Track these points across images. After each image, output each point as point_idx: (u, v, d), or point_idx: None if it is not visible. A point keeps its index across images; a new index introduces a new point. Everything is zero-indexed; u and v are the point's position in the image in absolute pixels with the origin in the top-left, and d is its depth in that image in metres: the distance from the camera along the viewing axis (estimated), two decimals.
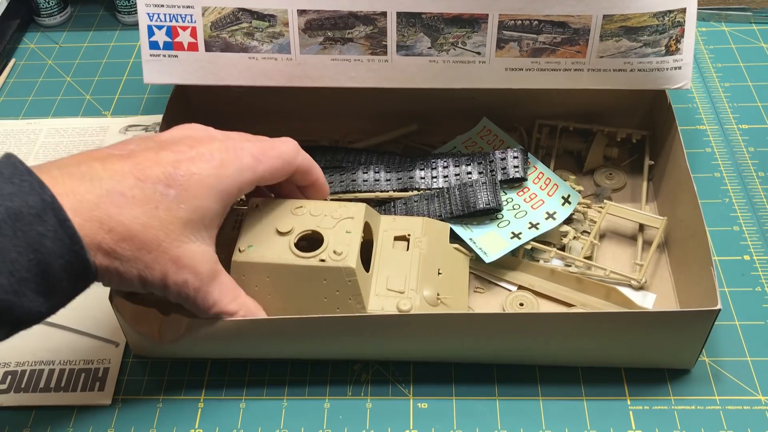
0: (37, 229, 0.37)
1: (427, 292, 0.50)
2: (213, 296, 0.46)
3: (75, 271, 0.40)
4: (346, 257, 0.47)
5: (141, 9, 0.58)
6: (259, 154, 0.47)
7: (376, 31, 0.58)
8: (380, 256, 0.52)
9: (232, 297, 0.47)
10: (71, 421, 0.53)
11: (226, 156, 0.45)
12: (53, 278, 0.39)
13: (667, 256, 0.59)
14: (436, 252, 0.53)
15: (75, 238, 0.39)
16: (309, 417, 0.52)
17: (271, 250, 0.48)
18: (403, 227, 0.54)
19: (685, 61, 0.59)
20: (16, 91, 0.80)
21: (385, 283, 0.50)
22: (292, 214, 0.50)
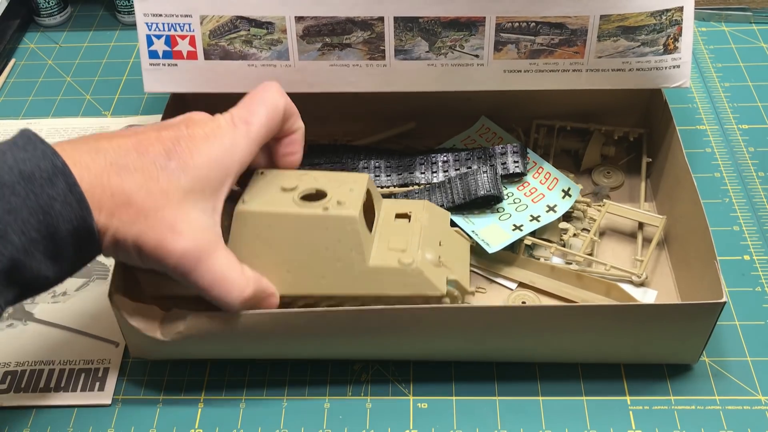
0: (48, 192, 0.39)
1: (429, 255, 0.50)
2: (215, 269, 0.45)
3: (81, 237, 0.41)
4: (350, 207, 0.47)
5: (139, 19, 0.59)
6: (247, 116, 0.47)
7: (374, 36, 0.58)
8: (382, 226, 0.52)
9: (238, 272, 0.46)
10: (71, 422, 0.53)
11: (224, 130, 0.46)
12: (60, 242, 0.40)
13: (667, 254, 0.59)
14: (438, 229, 0.53)
15: (83, 203, 0.40)
16: (309, 417, 0.52)
17: (276, 202, 0.48)
18: (405, 207, 0.54)
19: (683, 60, 0.59)
20: (16, 91, 0.80)
21: (387, 244, 0.50)
22: (297, 178, 0.50)
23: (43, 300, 0.59)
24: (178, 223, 0.43)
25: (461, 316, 0.50)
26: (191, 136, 0.44)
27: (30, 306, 0.59)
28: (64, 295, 0.60)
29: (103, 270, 0.61)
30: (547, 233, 0.60)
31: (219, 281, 0.45)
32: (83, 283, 0.61)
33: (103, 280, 0.61)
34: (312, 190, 0.49)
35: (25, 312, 0.59)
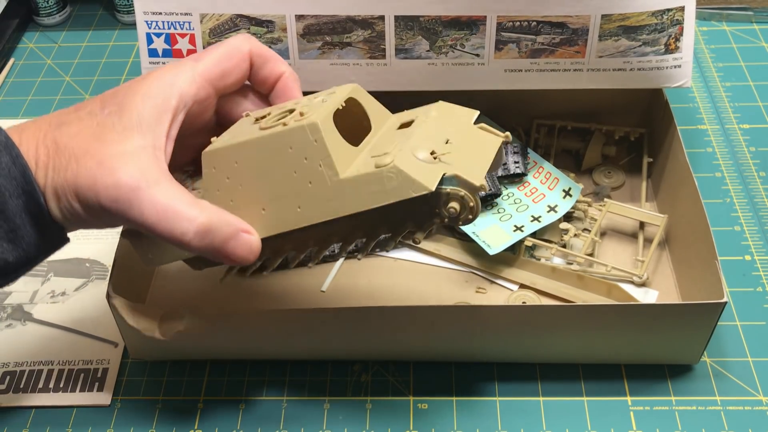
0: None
1: (422, 152, 0.40)
2: (157, 201, 0.39)
3: (36, 217, 0.39)
4: (311, 116, 0.41)
5: (139, 17, 0.58)
6: (198, 55, 0.45)
7: (375, 35, 0.58)
8: (378, 139, 0.44)
9: (186, 202, 0.40)
10: (70, 422, 0.53)
11: (167, 68, 0.43)
12: (13, 219, 0.39)
13: (668, 254, 0.59)
14: (448, 127, 0.44)
15: (27, 176, 0.38)
16: (309, 417, 0.52)
17: (241, 134, 0.43)
18: (413, 113, 0.46)
19: (684, 60, 0.59)
20: (15, 90, 0.80)
21: (372, 153, 0.42)
22: (276, 107, 0.46)
23: (42, 300, 0.59)
24: (109, 159, 0.39)
25: (461, 316, 0.50)
26: (130, 83, 0.42)
27: (29, 306, 0.59)
28: (63, 295, 0.60)
29: (102, 270, 0.61)
30: (547, 234, 0.60)
31: (163, 213, 0.39)
32: (82, 283, 0.60)
33: (102, 281, 0.60)
34: (285, 113, 0.43)
35: (24, 312, 0.59)
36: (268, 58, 0.47)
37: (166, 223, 0.39)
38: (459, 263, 0.59)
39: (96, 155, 0.39)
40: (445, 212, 0.40)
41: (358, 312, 0.49)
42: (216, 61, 0.44)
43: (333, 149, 0.40)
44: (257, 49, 0.46)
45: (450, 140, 0.42)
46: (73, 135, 0.40)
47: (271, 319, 0.50)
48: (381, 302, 0.57)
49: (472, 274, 0.59)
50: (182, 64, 0.43)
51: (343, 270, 0.60)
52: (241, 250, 0.42)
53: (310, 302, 0.58)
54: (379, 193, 0.40)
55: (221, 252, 0.41)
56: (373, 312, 0.49)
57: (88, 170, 0.39)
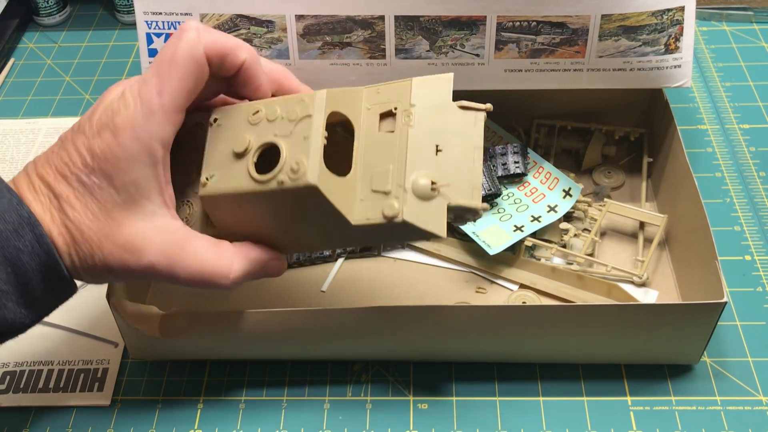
0: (15, 244, 0.38)
1: (421, 181, 0.41)
2: (191, 266, 0.42)
3: (54, 284, 0.40)
4: (305, 173, 0.39)
5: (139, 17, 0.58)
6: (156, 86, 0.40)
7: (375, 35, 0.58)
8: (364, 147, 0.43)
9: (215, 258, 0.42)
10: (70, 422, 0.53)
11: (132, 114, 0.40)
12: (34, 290, 0.40)
13: (668, 253, 0.59)
14: (433, 121, 0.43)
15: (51, 254, 0.39)
16: (309, 417, 0.52)
17: (232, 177, 0.42)
18: (389, 98, 0.43)
19: (684, 60, 0.59)
20: (15, 90, 0.80)
21: (369, 183, 0.42)
22: (249, 124, 0.43)
23: None
24: (131, 242, 0.41)
25: (461, 316, 0.50)
26: (102, 139, 0.40)
27: None
28: None
29: None
30: (547, 234, 0.60)
31: (199, 275, 0.42)
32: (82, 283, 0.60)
33: None
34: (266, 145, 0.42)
35: None
36: (226, 51, 0.42)
37: (204, 282, 0.42)
38: (459, 263, 0.59)
39: (116, 239, 0.41)
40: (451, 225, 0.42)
41: (358, 312, 0.49)
42: (178, 87, 0.41)
43: (336, 200, 0.40)
44: (211, 46, 0.42)
45: (439, 145, 0.42)
46: (82, 219, 0.40)
47: (271, 319, 0.50)
48: (381, 302, 0.57)
49: (472, 274, 0.59)
50: (148, 104, 0.40)
51: (343, 270, 0.60)
52: (272, 275, 0.46)
53: (310, 302, 0.58)
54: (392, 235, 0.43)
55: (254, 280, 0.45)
56: (373, 312, 0.49)
57: (115, 256, 0.41)
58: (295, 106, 0.42)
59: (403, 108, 0.43)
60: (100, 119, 0.41)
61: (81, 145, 0.40)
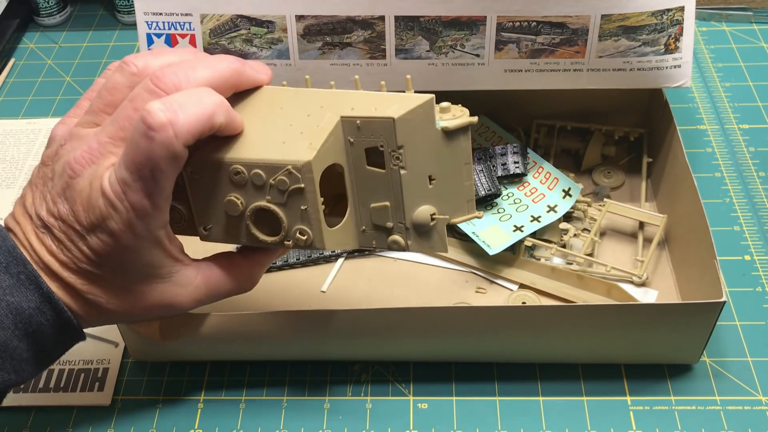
0: (37, 320, 0.40)
1: (421, 216, 0.42)
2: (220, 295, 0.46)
3: (68, 343, 0.43)
4: (314, 241, 0.42)
5: (140, 17, 0.58)
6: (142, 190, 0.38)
7: (375, 36, 0.58)
8: (355, 184, 0.43)
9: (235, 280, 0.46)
10: (70, 422, 0.53)
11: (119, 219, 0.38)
12: (49, 351, 0.42)
13: (667, 253, 0.59)
14: (423, 155, 0.41)
15: (71, 324, 0.41)
16: (309, 417, 0.52)
17: (231, 232, 0.43)
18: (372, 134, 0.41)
19: (684, 60, 0.59)
20: (15, 90, 0.80)
21: (369, 216, 0.43)
22: (232, 184, 0.41)
23: None
24: (161, 302, 0.42)
25: (461, 316, 0.50)
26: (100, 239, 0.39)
27: None
28: None
29: None
30: (547, 234, 0.60)
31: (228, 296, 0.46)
32: None
33: None
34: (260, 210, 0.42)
35: None
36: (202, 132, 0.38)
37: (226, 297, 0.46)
38: (459, 263, 0.60)
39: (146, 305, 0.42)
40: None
41: (358, 312, 0.49)
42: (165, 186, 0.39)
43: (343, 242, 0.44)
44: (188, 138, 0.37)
45: (432, 175, 0.42)
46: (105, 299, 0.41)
47: (271, 319, 0.50)
48: (381, 302, 0.57)
49: (472, 274, 0.59)
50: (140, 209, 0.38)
51: (343, 270, 0.60)
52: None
53: (310, 302, 0.58)
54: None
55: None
56: (373, 312, 0.49)
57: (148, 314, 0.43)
58: (281, 176, 0.40)
59: (391, 149, 0.41)
60: (88, 219, 0.39)
61: (78, 242, 0.39)
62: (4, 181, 0.70)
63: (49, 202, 0.40)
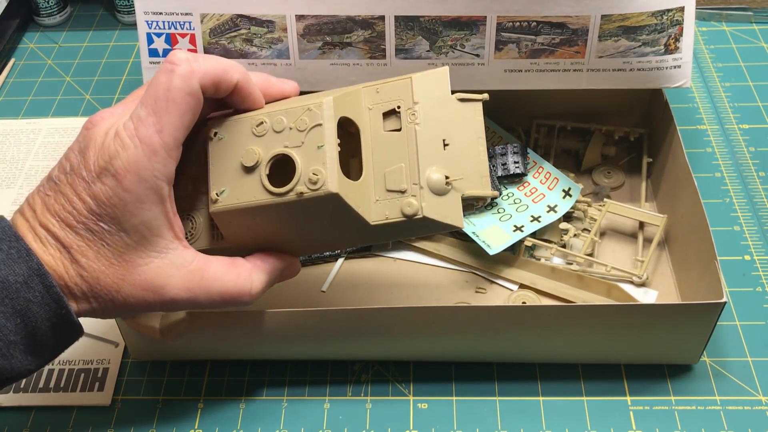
0: (24, 296, 0.38)
1: (435, 176, 0.42)
2: (213, 291, 0.43)
3: (62, 331, 0.40)
4: (326, 182, 0.40)
5: (140, 17, 0.58)
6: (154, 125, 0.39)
7: (375, 35, 0.58)
8: (371, 150, 0.44)
9: (234, 276, 0.43)
10: (71, 422, 0.53)
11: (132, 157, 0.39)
12: (41, 338, 0.40)
13: (667, 254, 0.59)
14: (437, 116, 0.44)
15: (61, 302, 0.39)
16: (309, 417, 0.52)
17: (244, 191, 0.43)
18: (391, 96, 0.44)
19: (684, 60, 0.59)
20: (15, 90, 0.80)
21: (383, 183, 0.43)
22: (255, 135, 0.43)
23: None
24: (150, 280, 0.41)
25: (461, 316, 0.50)
26: (105, 183, 0.39)
27: None
28: None
29: None
30: (547, 234, 0.60)
31: (221, 299, 0.43)
32: None
33: None
34: (278, 156, 0.42)
35: None
36: (219, 79, 0.42)
37: (227, 304, 0.43)
38: (459, 263, 0.60)
39: (134, 281, 0.41)
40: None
41: (358, 312, 0.49)
42: (178, 124, 0.40)
43: (357, 205, 0.42)
44: (204, 77, 0.41)
45: (446, 140, 0.43)
46: (97, 266, 0.40)
47: (271, 319, 0.50)
48: (381, 302, 0.57)
49: (472, 274, 0.59)
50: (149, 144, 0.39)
51: (343, 270, 0.60)
52: (288, 277, 0.47)
53: (310, 302, 0.58)
54: (410, 230, 0.44)
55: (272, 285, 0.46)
56: (373, 312, 0.49)
57: (136, 297, 0.41)
58: (302, 116, 0.42)
59: (407, 107, 0.44)
60: (97, 162, 0.40)
61: (82, 192, 0.40)
62: (4, 181, 0.70)
63: (62, 161, 0.41)
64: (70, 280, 0.40)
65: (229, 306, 0.44)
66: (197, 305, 0.43)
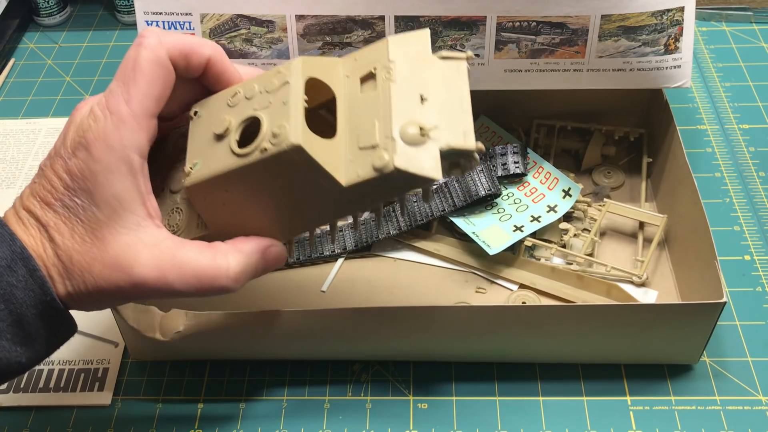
0: (8, 280, 0.37)
1: (410, 129, 0.38)
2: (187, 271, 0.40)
3: (51, 320, 0.39)
4: (287, 134, 0.38)
5: (139, 17, 0.59)
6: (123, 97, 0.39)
7: (375, 35, 0.58)
8: (347, 111, 0.41)
9: (209, 256, 0.40)
10: (71, 422, 0.53)
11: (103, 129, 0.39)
12: (29, 327, 0.39)
13: (667, 254, 0.59)
14: (415, 74, 0.41)
15: (45, 287, 0.38)
16: (309, 417, 0.52)
17: (215, 159, 0.41)
18: (368, 61, 0.42)
19: (684, 60, 0.59)
20: (15, 90, 0.80)
21: (357, 141, 0.40)
22: (228, 106, 0.42)
23: None
24: (118, 257, 0.39)
25: (461, 316, 0.50)
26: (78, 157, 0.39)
27: None
28: None
29: None
30: (547, 234, 0.60)
31: (197, 281, 0.40)
32: None
33: None
34: (247, 121, 0.41)
35: None
36: (189, 50, 0.42)
37: (204, 288, 0.40)
38: (459, 263, 0.60)
39: (104, 259, 0.39)
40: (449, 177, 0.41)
41: (358, 312, 0.49)
42: (146, 93, 0.40)
43: (325, 161, 0.39)
44: (172, 47, 0.41)
45: (424, 95, 0.40)
46: (70, 244, 0.39)
47: (271, 319, 0.50)
48: (381, 302, 0.57)
49: (472, 274, 0.59)
50: (117, 113, 0.39)
51: (343, 270, 0.60)
52: (273, 264, 0.43)
53: (310, 302, 0.58)
54: (387, 189, 0.40)
55: (258, 275, 0.43)
56: (373, 312, 0.49)
57: (105, 278, 0.39)
58: (272, 78, 0.41)
59: (383, 65, 0.41)
60: (73, 139, 0.40)
61: (60, 169, 0.40)
62: (4, 181, 0.70)
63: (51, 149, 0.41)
64: (48, 260, 0.39)
65: (208, 291, 0.40)
66: (171, 289, 0.40)
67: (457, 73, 0.41)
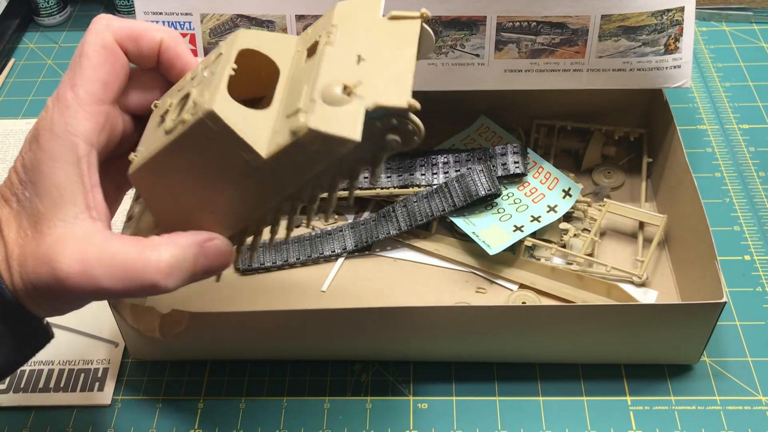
0: None
1: (333, 88, 0.34)
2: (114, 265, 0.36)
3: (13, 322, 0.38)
4: (203, 102, 0.35)
5: (139, 17, 0.59)
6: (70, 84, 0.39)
7: None
8: (288, 82, 0.38)
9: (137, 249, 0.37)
10: (71, 422, 0.53)
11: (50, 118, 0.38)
12: None
13: (667, 254, 0.59)
14: (358, 36, 0.38)
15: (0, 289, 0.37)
16: (309, 417, 0.52)
17: (152, 142, 0.39)
18: (315, 31, 0.39)
19: (684, 60, 0.59)
20: (15, 90, 0.80)
21: (285, 111, 0.36)
22: (177, 90, 0.40)
23: None
24: (47, 251, 0.36)
25: (461, 316, 0.50)
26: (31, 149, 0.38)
27: None
28: None
29: None
30: (547, 234, 0.60)
31: (125, 275, 0.36)
32: None
33: None
34: (183, 100, 0.38)
35: None
36: (137, 35, 0.41)
37: (132, 284, 0.37)
38: (459, 263, 0.60)
39: (36, 253, 0.37)
40: (388, 145, 0.36)
41: (358, 312, 0.49)
42: (92, 77, 0.39)
43: (242, 130, 0.35)
44: (120, 32, 0.41)
45: (362, 55, 0.36)
46: (15, 238, 0.37)
47: (271, 319, 0.50)
48: (381, 302, 0.57)
49: (472, 274, 0.59)
50: (63, 100, 0.38)
51: (343, 270, 0.60)
52: (215, 259, 0.39)
53: (310, 302, 0.58)
54: (309, 161, 0.36)
55: (198, 274, 0.39)
56: (373, 312, 0.49)
57: (37, 274, 0.36)
58: (211, 55, 0.40)
59: (327, 31, 0.38)
60: (30, 133, 0.39)
61: (18, 163, 0.39)
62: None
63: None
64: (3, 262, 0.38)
65: (138, 287, 0.37)
66: (96, 286, 0.36)
67: (408, 31, 0.38)
